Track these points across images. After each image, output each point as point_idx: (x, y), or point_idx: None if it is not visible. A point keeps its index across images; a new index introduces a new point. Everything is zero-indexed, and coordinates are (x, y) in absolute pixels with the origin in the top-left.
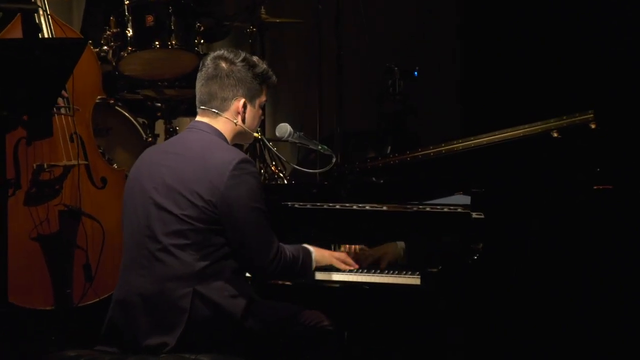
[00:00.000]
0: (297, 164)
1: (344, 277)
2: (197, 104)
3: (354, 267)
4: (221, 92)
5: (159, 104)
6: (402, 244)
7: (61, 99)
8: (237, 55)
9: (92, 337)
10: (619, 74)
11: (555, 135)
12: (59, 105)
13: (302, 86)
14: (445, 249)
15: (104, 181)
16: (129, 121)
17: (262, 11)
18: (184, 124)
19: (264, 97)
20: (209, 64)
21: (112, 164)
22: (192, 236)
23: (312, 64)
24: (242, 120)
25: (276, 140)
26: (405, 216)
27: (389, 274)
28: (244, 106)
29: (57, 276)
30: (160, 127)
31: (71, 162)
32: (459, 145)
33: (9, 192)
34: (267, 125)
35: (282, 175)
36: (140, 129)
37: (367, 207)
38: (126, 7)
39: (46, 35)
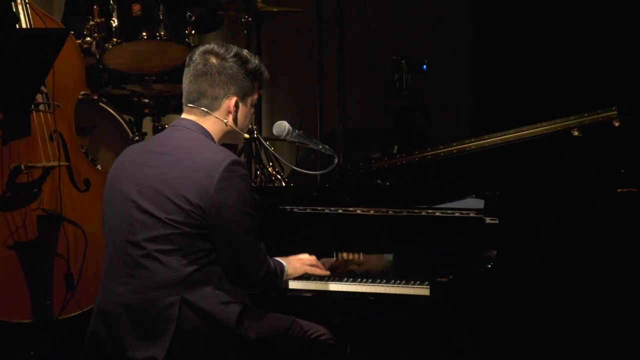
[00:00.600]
0: (296, 165)
1: (346, 287)
2: (184, 101)
3: (325, 274)
4: (211, 90)
5: (147, 100)
6: (389, 256)
7: (40, 94)
8: (228, 50)
9: (74, 352)
10: None
11: (575, 133)
12: (38, 101)
13: (302, 81)
14: (456, 257)
15: (87, 183)
16: (114, 118)
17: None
18: (173, 121)
19: (256, 94)
20: (198, 59)
21: (96, 165)
22: (179, 241)
23: (312, 57)
24: (234, 120)
25: (273, 139)
26: (413, 221)
27: (396, 284)
28: (236, 105)
29: (36, 287)
30: (148, 125)
31: (51, 163)
32: (472, 144)
33: None
34: (264, 123)
35: (279, 177)
36: (126, 127)
37: (372, 212)
38: None
39: (24, 25)
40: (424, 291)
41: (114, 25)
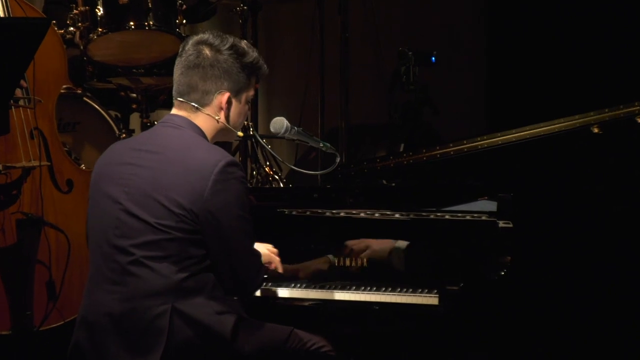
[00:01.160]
0: (295, 164)
1: (349, 296)
2: (174, 94)
3: (278, 267)
4: (203, 84)
5: (135, 95)
6: (395, 263)
7: (20, 89)
8: (224, 41)
9: None
10: None
11: (595, 130)
12: (17, 96)
13: (302, 74)
14: (467, 263)
15: (69, 184)
16: (99, 114)
17: None
18: (163, 117)
19: (252, 90)
20: (190, 50)
21: (80, 165)
22: (170, 247)
23: (312, 48)
24: (226, 117)
25: (271, 136)
26: (420, 225)
27: (402, 293)
28: (229, 102)
29: (15, 296)
30: (135, 121)
31: (31, 163)
32: (484, 142)
33: None
34: (261, 119)
35: (277, 177)
36: (112, 123)
37: (377, 215)
38: None
39: (2, 14)
40: (432, 300)
41: (99, 14)
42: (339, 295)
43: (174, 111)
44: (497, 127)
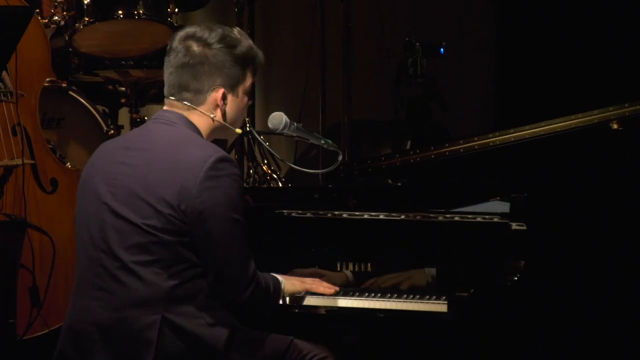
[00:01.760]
0: (294, 163)
1: (352, 302)
2: (165, 93)
3: (330, 292)
4: (194, 83)
5: (123, 88)
6: (431, 270)
7: (0, 82)
8: (212, 33)
9: None
10: None
11: (615, 126)
12: None
13: (301, 67)
14: (477, 268)
15: (54, 184)
16: (85, 109)
17: None
18: (153, 112)
19: (249, 81)
20: (178, 47)
21: (65, 163)
22: (158, 251)
23: (313, 39)
24: (223, 113)
25: (269, 133)
26: (428, 227)
27: (408, 300)
28: (224, 97)
29: None
30: (124, 116)
31: (13, 161)
32: (496, 139)
33: None
34: (258, 115)
35: (275, 176)
36: (99, 119)
37: (382, 217)
38: None
39: None
40: (440, 307)
41: (86, 2)
42: (342, 302)
43: (166, 107)
44: (510, 123)
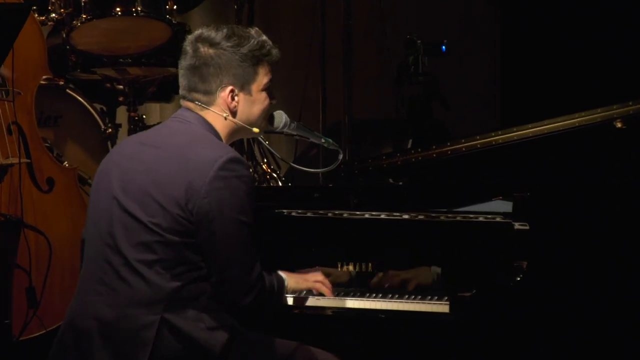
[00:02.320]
0: (294, 162)
1: (352, 303)
2: (180, 94)
3: (330, 294)
4: (203, 85)
5: (121, 86)
6: (437, 269)
7: None
8: (218, 32)
9: None
10: None
11: (618, 125)
12: None
13: (301, 65)
14: (480, 268)
15: (50, 183)
16: (83, 108)
17: None
18: (152, 111)
19: (263, 78)
20: (188, 50)
21: (62, 162)
22: (162, 251)
23: (313, 38)
24: (234, 112)
25: (269, 131)
26: (430, 227)
27: (410, 300)
28: (233, 96)
29: None
30: (122, 115)
31: (9, 160)
32: (498, 138)
33: None
34: None
35: (275, 175)
36: (97, 117)
37: (383, 216)
38: None
39: None
40: (442, 308)
41: None
42: (342, 302)
43: (184, 107)
44: (513, 121)
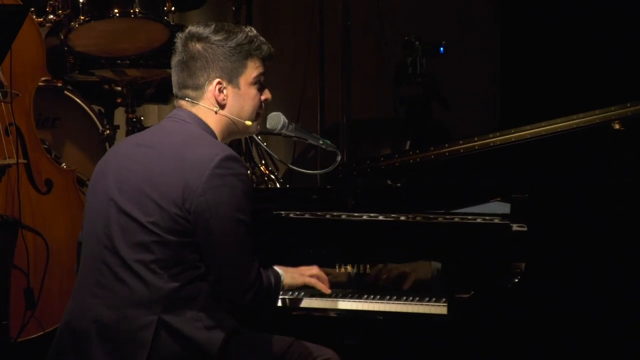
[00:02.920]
0: (292, 163)
1: (350, 305)
2: (174, 93)
3: (326, 290)
4: (191, 79)
5: (119, 88)
6: (437, 264)
7: None
8: (207, 28)
9: None
10: None
11: (617, 127)
12: None
13: (299, 66)
14: (478, 269)
15: (48, 184)
16: (81, 109)
17: None
18: (150, 112)
19: (252, 72)
20: (178, 47)
21: (60, 164)
22: (159, 251)
23: (311, 38)
24: (223, 106)
25: (266, 133)
26: (428, 229)
27: (408, 301)
28: (221, 89)
29: None
30: (120, 116)
31: (7, 160)
32: (497, 139)
33: None
34: None
35: (273, 177)
36: (95, 119)
37: (381, 218)
38: None
39: None
40: (440, 309)
41: (81, 0)
42: (341, 304)
43: (177, 106)
44: (512, 123)
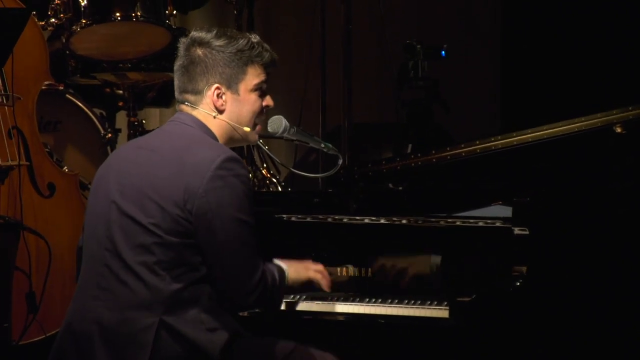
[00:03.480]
0: (294, 167)
1: (351, 308)
2: (175, 97)
3: (327, 287)
4: (191, 84)
5: (121, 91)
6: (436, 259)
7: None
8: (208, 33)
9: None
10: None
11: (618, 130)
12: None
13: (301, 69)
14: (480, 273)
15: (51, 188)
16: (83, 113)
17: None
18: (151, 115)
19: (252, 79)
20: (181, 52)
21: (62, 167)
22: (160, 252)
23: (313, 41)
24: (222, 112)
25: (268, 136)
26: (429, 232)
27: (409, 305)
28: (220, 94)
29: None
30: (122, 120)
31: (9, 162)
32: (498, 143)
33: None
34: None
35: (275, 180)
36: (97, 122)
37: (383, 221)
38: None
39: None
40: (442, 313)
41: (83, 4)
42: (341, 307)
43: (179, 110)
44: (514, 126)
